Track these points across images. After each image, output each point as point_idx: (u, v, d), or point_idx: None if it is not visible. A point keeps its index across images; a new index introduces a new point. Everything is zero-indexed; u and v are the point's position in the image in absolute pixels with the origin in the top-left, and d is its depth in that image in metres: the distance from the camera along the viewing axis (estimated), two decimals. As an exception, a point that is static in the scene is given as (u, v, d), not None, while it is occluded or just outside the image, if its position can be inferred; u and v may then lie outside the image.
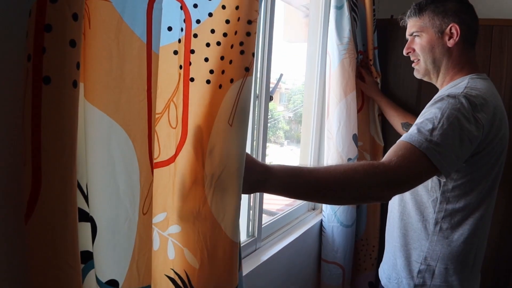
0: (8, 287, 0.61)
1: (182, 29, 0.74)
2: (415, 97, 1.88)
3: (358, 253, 1.90)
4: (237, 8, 0.73)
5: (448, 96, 1.01)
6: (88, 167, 0.60)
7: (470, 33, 1.16)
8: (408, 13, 1.23)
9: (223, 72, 0.74)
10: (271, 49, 1.37)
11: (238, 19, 0.73)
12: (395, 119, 1.76)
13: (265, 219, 1.52)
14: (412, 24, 1.22)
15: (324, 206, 1.83)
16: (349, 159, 1.68)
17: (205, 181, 0.74)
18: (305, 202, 1.80)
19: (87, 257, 0.64)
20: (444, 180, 1.07)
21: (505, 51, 1.72)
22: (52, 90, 0.50)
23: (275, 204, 2.08)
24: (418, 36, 1.20)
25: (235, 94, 0.74)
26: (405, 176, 0.91)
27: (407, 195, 1.17)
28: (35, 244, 0.52)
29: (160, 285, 0.77)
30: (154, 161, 0.73)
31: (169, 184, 0.76)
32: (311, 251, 1.77)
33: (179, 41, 0.74)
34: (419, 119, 1.01)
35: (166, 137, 0.75)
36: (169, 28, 0.73)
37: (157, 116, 0.74)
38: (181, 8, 0.73)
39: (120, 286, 0.63)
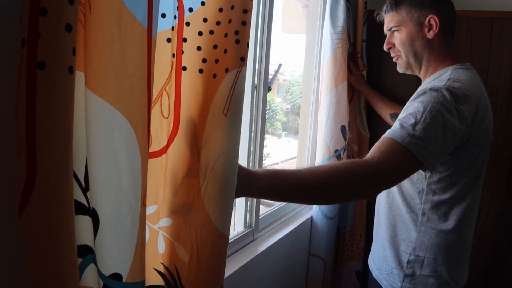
0: (4, 280, 0.60)
1: (175, 17, 0.72)
2: (414, 89, 1.86)
3: (345, 244, 1.90)
4: None
5: (430, 89, 1.01)
6: (90, 158, 0.59)
7: (449, 23, 1.15)
8: (385, 8, 1.22)
9: (217, 61, 0.72)
10: (269, 39, 1.35)
11: (232, 7, 0.71)
12: (384, 110, 1.77)
13: (262, 210, 1.51)
14: (389, 19, 1.21)
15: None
16: (336, 151, 1.67)
17: (200, 173, 0.73)
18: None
19: (85, 251, 0.63)
20: (429, 173, 1.07)
21: (505, 44, 1.71)
22: (47, 76, 0.48)
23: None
24: (397, 31, 1.19)
25: (230, 84, 0.72)
26: (388, 171, 0.90)
27: (394, 187, 1.17)
28: (30, 236, 0.51)
29: (148, 278, 0.75)
30: None
31: (161, 175, 0.75)
32: (305, 244, 1.78)
33: (172, 28, 0.72)
34: (402, 114, 1.01)
35: (158, 127, 0.74)
36: (163, 15, 0.71)
37: (150, 104, 0.72)
38: None
39: (124, 279, 0.62)
